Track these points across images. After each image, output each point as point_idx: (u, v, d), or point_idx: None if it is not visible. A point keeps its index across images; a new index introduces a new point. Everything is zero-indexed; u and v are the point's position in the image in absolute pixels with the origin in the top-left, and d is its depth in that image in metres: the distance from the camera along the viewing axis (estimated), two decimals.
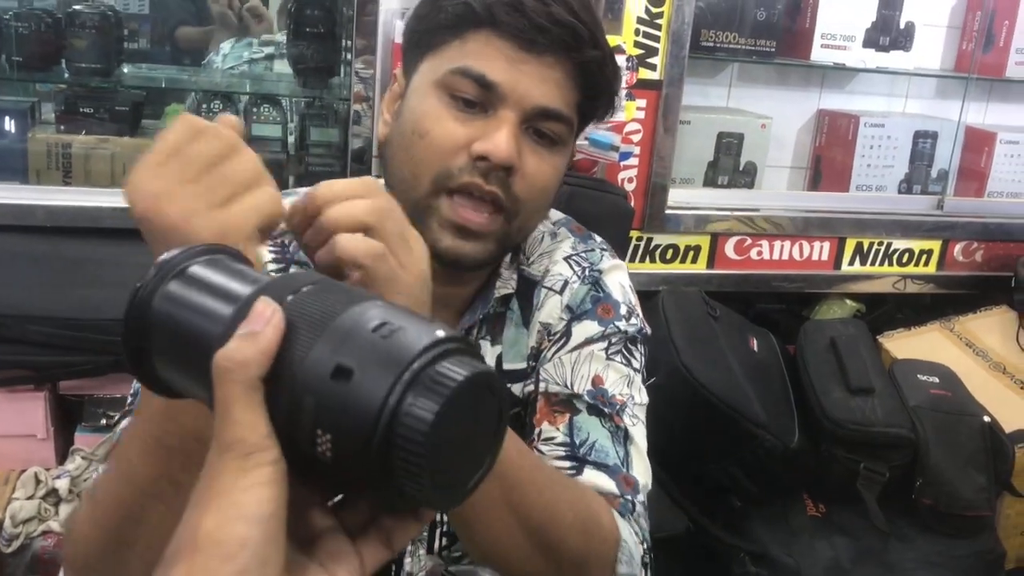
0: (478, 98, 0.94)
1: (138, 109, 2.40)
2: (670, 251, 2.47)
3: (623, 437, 1.03)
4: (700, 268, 2.51)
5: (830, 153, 2.79)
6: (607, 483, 0.99)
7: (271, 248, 1.03)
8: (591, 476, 0.99)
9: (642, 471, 1.03)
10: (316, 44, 2.34)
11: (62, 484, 1.95)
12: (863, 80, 2.83)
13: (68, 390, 2.04)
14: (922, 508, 2.15)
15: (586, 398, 1.04)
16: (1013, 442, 2.21)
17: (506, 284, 1.09)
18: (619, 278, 1.15)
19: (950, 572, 2.12)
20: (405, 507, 0.51)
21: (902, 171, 2.76)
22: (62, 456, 2.05)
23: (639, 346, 1.12)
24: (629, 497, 0.99)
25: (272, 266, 1.02)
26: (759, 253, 2.54)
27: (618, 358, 1.08)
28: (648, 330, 1.14)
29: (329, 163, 2.37)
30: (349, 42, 2.23)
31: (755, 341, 2.39)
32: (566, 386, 1.05)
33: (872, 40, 2.60)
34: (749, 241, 2.52)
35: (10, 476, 1.98)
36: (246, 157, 0.69)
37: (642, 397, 1.09)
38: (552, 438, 1.02)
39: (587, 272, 1.12)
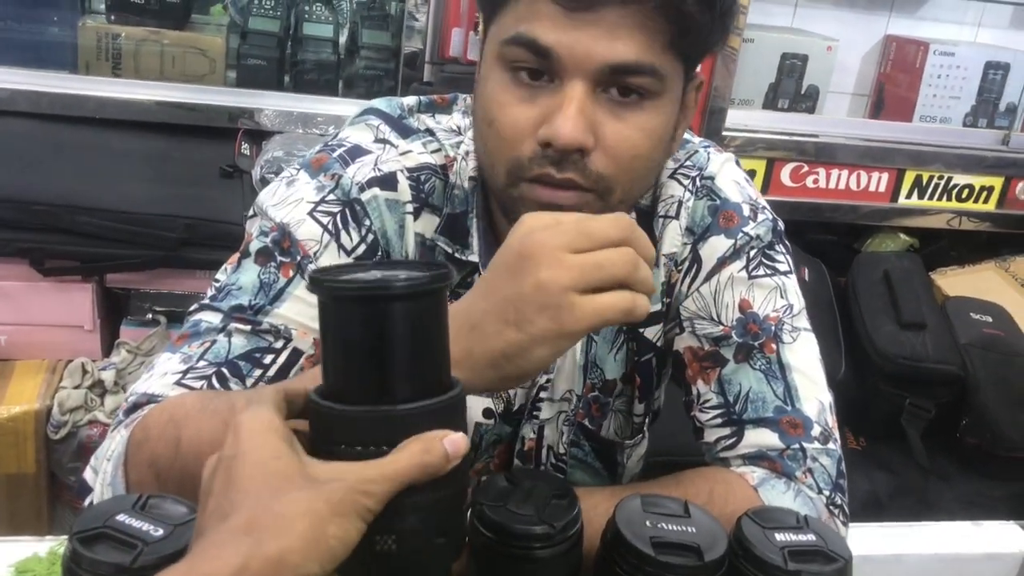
0: (540, 66, 0.82)
1: (188, 3, 2.35)
2: None
3: (780, 368, 0.96)
4: None
5: (895, 81, 2.69)
6: (769, 439, 0.94)
7: (409, 182, 0.96)
8: (752, 437, 0.94)
9: (812, 394, 0.96)
10: None
11: (108, 375, 1.96)
12: (933, 5, 2.72)
13: (115, 283, 2.04)
14: (966, 447, 2.13)
15: (735, 336, 0.97)
16: None
17: None
18: (731, 175, 1.03)
19: (989, 512, 2.10)
20: None
21: (968, 103, 2.66)
22: (108, 348, 2.07)
23: (778, 246, 1.01)
24: (796, 445, 0.93)
25: (410, 207, 0.96)
26: (815, 181, 2.47)
27: (761, 271, 0.98)
28: (781, 224, 1.03)
29: (381, 67, 2.32)
30: None
31: (806, 271, 2.35)
32: (713, 319, 0.98)
33: None
34: (806, 168, 2.45)
35: (57, 365, 2.00)
36: None
37: (799, 301, 1.00)
38: (707, 401, 0.98)
39: (698, 182, 1.01)
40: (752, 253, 0.99)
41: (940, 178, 2.57)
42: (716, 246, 0.99)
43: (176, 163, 2.11)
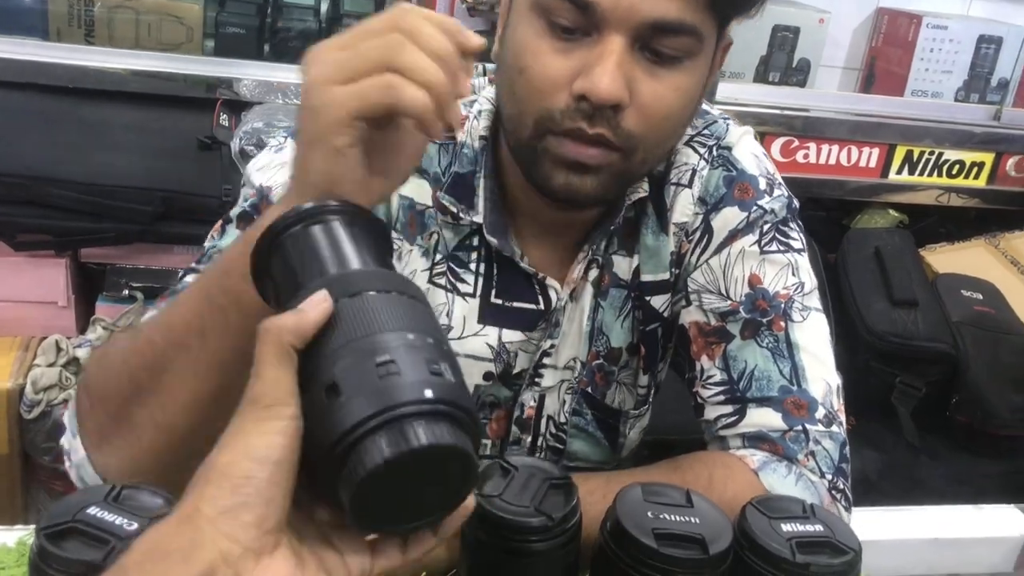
0: (578, 20, 0.80)
1: None
2: None
3: (787, 347, 0.93)
4: None
5: (887, 54, 2.65)
6: (772, 419, 0.91)
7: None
8: (754, 416, 0.92)
9: (820, 375, 0.93)
10: None
11: (83, 353, 1.92)
12: None
13: (90, 258, 2.00)
14: (956, 425, 2.12)
15: (743, 311, 0.94)
16: None
17: (637, 189, 0.97)
18: (750, 147, 1.01)
19: (978, 491, 2.10)
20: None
21: (960, 78, 2.63)
22: (83, 325, 2.02)
23: (792, 223, 0.99)
24: (799, 427, 0.90)
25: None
26: (806, 156, 2.44)
27: (773, 247, 0.96)
28: (796, 203, 1.01)
29: None
30: None
31: None
32: (721, 293, 0.96)
33: None
34: (796, 143, 2.42)
35: (31, 343, 1.95)
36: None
37: (811, 280, 0.97)
38: (711, 377, 0.95)
39: (714, 152, 0.99)
40: (766, 227, 0.97)
41: (931, 154, 2.54)
42: (729, 218, 0.97)
43: (152, 135, 2.04)
